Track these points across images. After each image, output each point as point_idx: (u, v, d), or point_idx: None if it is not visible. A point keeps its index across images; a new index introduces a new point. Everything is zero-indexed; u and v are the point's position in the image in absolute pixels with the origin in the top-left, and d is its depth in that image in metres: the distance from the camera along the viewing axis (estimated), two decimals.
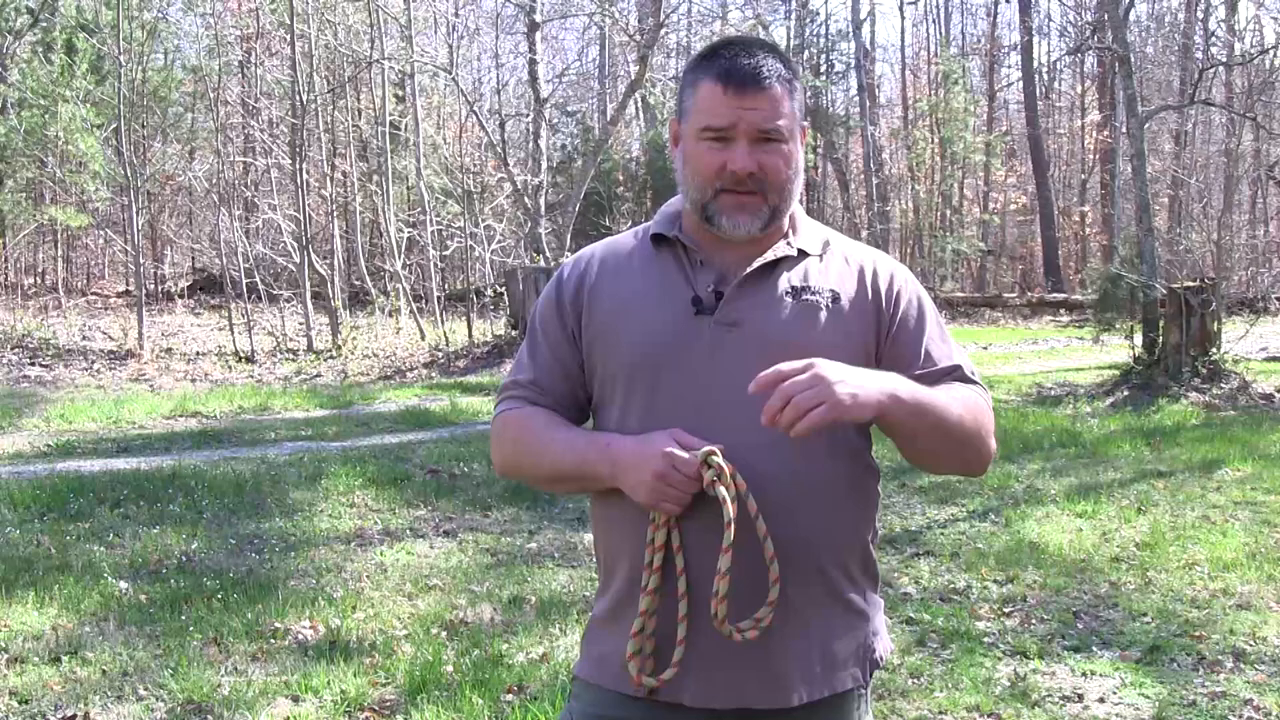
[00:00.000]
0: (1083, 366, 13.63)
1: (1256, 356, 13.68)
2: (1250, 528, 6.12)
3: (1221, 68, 21.76)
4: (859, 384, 1.54)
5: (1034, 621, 4.65)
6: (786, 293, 1.70)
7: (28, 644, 4.29)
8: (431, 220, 19.66)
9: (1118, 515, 6.40)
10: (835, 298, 1.71)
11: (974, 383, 1.75)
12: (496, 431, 1.81)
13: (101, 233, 22.68)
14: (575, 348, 1.77)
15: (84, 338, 16.64)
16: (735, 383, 1.63)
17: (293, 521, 6.26)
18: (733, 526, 1.56)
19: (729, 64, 1.65)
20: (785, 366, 1.53)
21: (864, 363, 1.70)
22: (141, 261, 17.75)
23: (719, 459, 1.58)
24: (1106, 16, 13.72)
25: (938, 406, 1.63)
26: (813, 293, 1.70)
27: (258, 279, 17.48)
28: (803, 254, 1.74)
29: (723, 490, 1.57)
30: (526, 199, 17.13)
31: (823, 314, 1.69)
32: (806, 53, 29.14)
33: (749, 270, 1.70)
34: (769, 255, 1.71)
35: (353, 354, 15.46)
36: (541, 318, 1.81)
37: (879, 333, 1.73)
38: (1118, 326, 12.33)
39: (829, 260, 1.76)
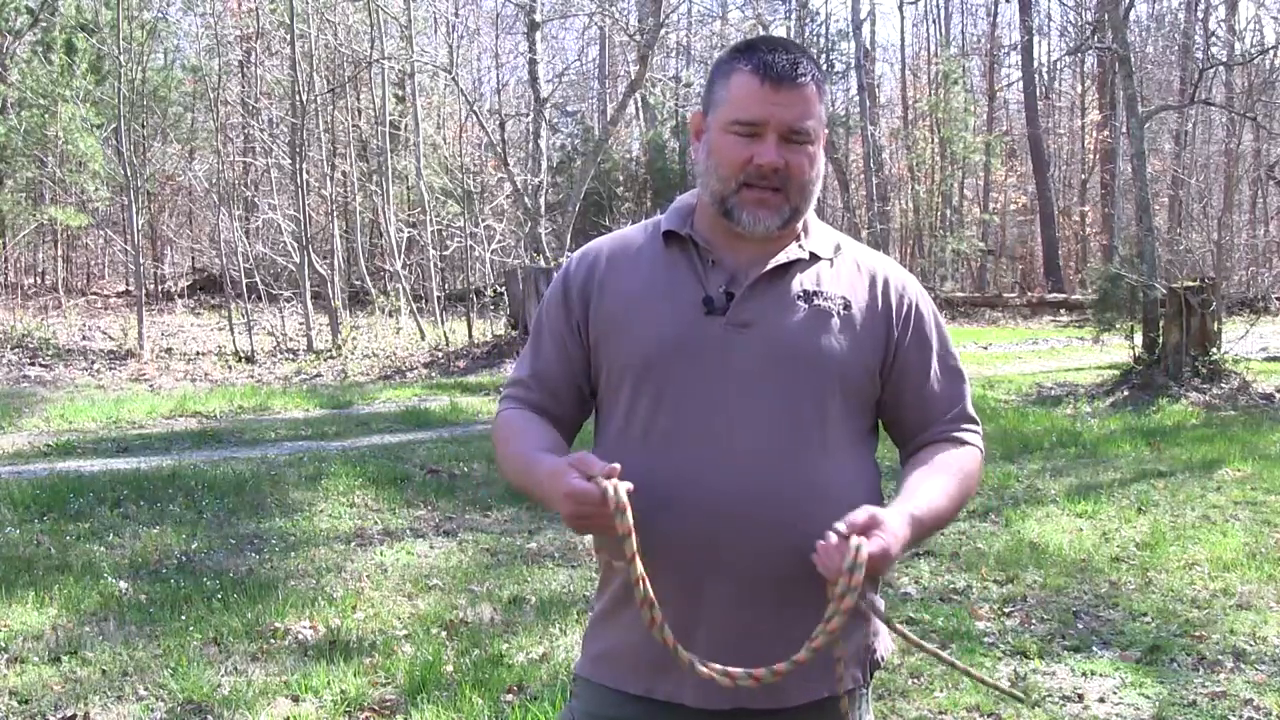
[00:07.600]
0: (1083, 366, 13.63)
1: (1256, 356, 13.67)
2: (1250, 528, 6.12)
3: (1221, 68, 21.74)
4: (899, 555, 1.58)
5: (1034, 621, 4.65)
6: (799, 296, 1.68)
7: (28, 644, 4.29)
8: (431, 220, 19.66)
9: (1118, 515, 6.40)
10: (847, 304, 1.70)
11: (972, 421, 1.78)
12: (493, 435, 1.84)
13: (101, 233, 22.68)
14: (580, 341, 1.75)
15: (84, 338, 16.63)
16: (745, 384, 1.62)
17: (293, 521, 6.26)
18: (637, 560, 1.49)
19: (767, 58, 1.64)
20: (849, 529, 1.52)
21: (870, 371, 1.71)
22: (141, 261, 17.74)
23: (620, 495, 1.46)
24: (1106, 16, 13.71)
25: (939, 514, 1.68)
26: (825, 298, 1.69)
27: (258, 279, 17.47)
28: (815, 257, 1.73)
29: (627, 520, 1.47)
30: (526, 199, 17.12)
31: (834, 320, 1.68)
32: None
33: (762, 272, 1.68)
34: (781, 257, 1.70)
35: (353, 354, 15.45)
36: (546, 310, 1.80)
37: (887, 345, 1.72)
38: (1118, 326, 12.32)
39: (840, 265, 1.75)
